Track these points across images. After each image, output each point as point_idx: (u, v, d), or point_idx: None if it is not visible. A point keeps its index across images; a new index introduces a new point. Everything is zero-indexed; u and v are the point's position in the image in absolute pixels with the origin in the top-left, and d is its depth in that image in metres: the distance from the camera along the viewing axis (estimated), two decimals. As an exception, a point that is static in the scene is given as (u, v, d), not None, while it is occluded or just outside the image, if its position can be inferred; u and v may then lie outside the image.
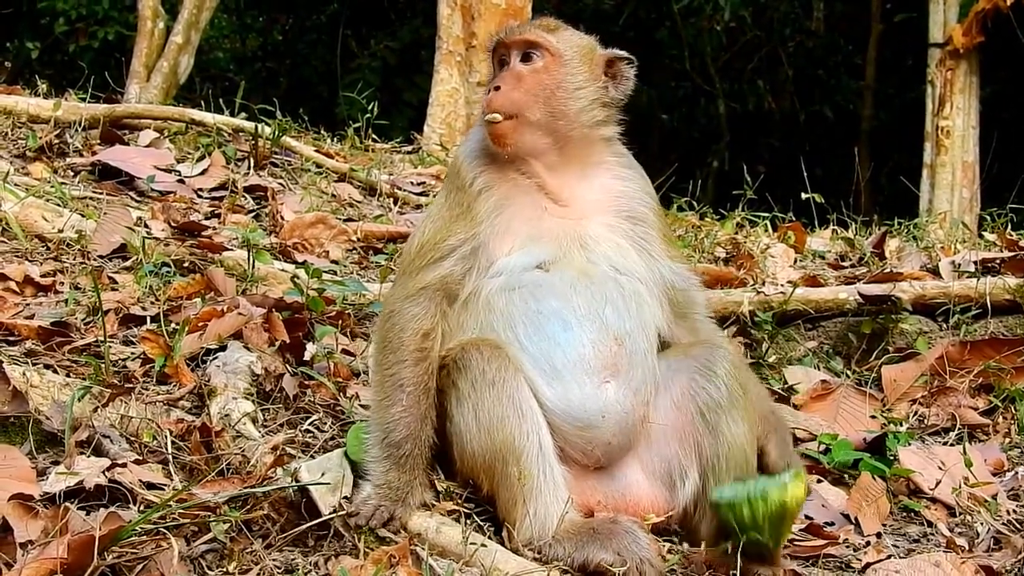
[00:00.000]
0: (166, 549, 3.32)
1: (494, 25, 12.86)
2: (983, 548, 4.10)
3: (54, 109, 8.10)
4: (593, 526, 3.68)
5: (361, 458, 3.79)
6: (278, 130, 8.57)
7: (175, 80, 16.19)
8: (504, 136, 3.94)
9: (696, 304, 4.24)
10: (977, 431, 5.15)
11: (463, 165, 4.04)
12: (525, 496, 3.66)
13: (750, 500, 3.66)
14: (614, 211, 4.08)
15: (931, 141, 16.59)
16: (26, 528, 3.33)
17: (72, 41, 21.06)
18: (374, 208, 7.92)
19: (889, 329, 5.82)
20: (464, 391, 3.73)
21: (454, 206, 3.97)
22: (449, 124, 12.77)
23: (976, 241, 7.73)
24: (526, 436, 3.67)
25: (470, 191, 3.96)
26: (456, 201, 3.98)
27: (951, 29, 16.48)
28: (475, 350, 3.74)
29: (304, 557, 3.51)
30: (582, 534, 3.64)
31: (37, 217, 6.03)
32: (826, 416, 5.09)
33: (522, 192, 3.99)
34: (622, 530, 3.62)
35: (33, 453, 3.84)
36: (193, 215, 6.81)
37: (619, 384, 3.86)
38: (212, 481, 3.71)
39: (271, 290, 5.51)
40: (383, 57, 22.25)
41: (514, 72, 4.00)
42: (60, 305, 5.08)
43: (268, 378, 4.48)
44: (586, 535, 3.63)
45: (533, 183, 4.01)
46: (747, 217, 8.30)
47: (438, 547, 3.55)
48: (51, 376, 4.21)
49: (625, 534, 3.61)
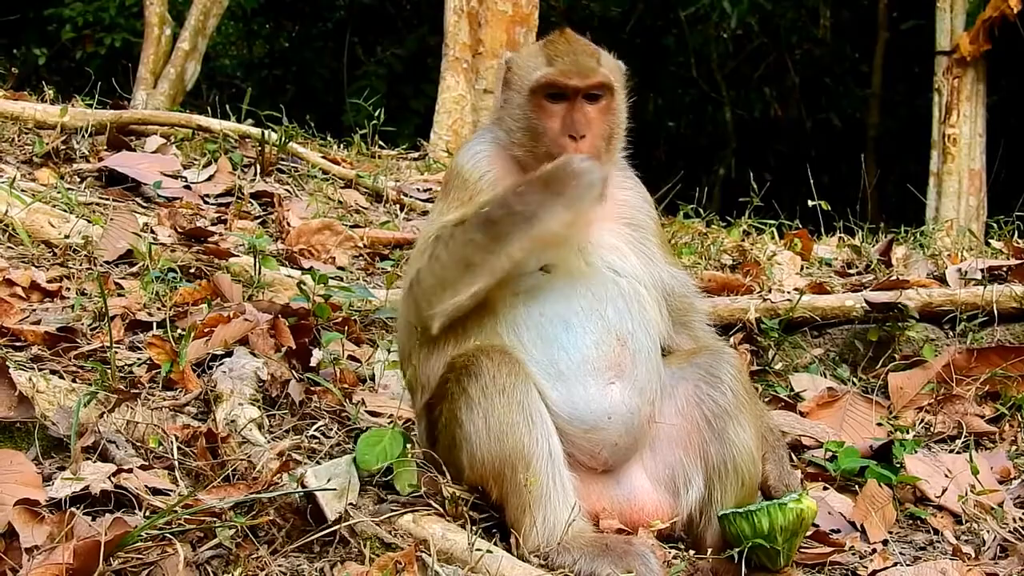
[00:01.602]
0: (172, 555, 3.32)
1: (500, 32, 12.90)
2: (989, 556, 4.10)
3: (61, 115, 8.12)
4: (607, 542, 3.66)
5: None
6: (284, 136, 8.58)
7: (182, 86, 16.21)
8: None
9: (696, 311, 4.25)
10: (984, 439, 5.15)
11: (466, 167, 4.03)
12: (533, 503, 3.66)
13: (768, 510, 3.68)
14: (615, 217, 4.09)
15: (938, 149, 16.57)
16: (32, 533, 3.33)
17: (79, 48, 21.10)
18: (380, 214, 7.93)
19: (896, 337, 5.82)
20: (475, 397, 3.71)
21: (455, 204, 3.96)
22: (455, 131, 12.78)
23: (983, 249, 7.71)
24: (536, 443, 3.67)
25: (473, 187, 3.96)
26: (459, 200, 3.97)
27: (958, 37, 16.46)
28: (485, 356, 3.73)
29: (310, 563, 3.51)
30: (594, 547, 3.63)
31: (44, 223, 6.04)
32: (832, 423, 5.09)
33: None
34: (635, 552, 3.61)
35: (39, 458, 3.84)
36: (199, 221, 6.82)
37: (624, 384, 3.86)
38: (218, 487, 3.71)
39: (277, 296, 5.52)
40: (389, 64, 22.29)
41: (586, 116, 3.92)
42: (66, 311, 5.09)
43: (274, 384, 4.48)
44: (598, 549, 3.62)
45: None
46: (754, 224, 8.30)
47: (444, 553, 3.54)
48: (57, 381, 4.21)
49: (638, 556, 3.59)
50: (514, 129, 3.98)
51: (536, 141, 3.92)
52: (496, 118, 4.12)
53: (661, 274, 4.10)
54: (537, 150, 3.90)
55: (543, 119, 3.92)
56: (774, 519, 3.68)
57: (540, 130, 3.91)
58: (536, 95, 3.93)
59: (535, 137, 3.92)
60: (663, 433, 3.98)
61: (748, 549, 3.71)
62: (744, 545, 3.69)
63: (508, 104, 4.03)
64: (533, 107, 3.94)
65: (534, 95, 3.94)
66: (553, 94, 3.93)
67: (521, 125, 3.96)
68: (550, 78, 3.92)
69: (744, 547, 3.68)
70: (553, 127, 3.90)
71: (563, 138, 3.87)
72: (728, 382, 3.95)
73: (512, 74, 4.04)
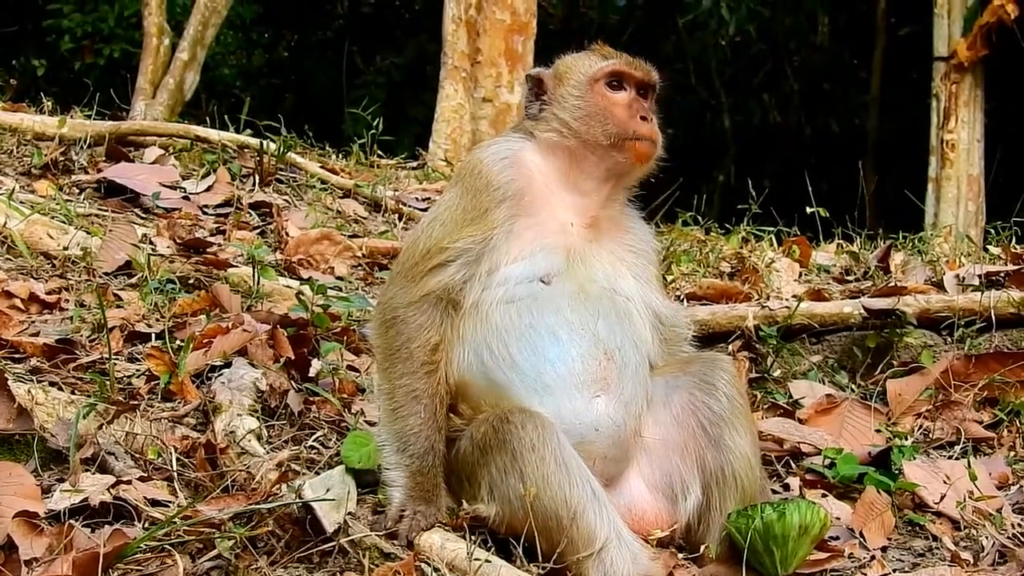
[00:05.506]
0: (171, 566, 3.33)
1: (499, 40, 12.93)
2: (988, 562, 4.10)
3: (59, 126, 8.12)
4: None
5: (377, 466, 3.84)
6: (283, 146, 8.58)
7: (181, 97, 16.22)
8: (652, 156, 4.15)
9: (685, 342, 4.31)
10: (982, 445, 5.14)
11: (490, 169, 4.02)
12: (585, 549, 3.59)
13: (784, 511, 3.69)
14: (618, 240, 4.17)
15: (936, 155, 16.58)
16: (31, 545, 3.34)
17: (78, 58, 21.13)
18: (379, 224, 7.93)
19: (894, 343, 5.81)
20: (505, 464, 3.67)
21: (469, 209, 3.95)
22: (454, 140, 12.80)
23: (981, 254, 7.72)
24: (576, 487, 3.61)
25: (493, 194, 3.95)
26: (473, 204, 3.96)
27: (955, 43, 16.48)
28: (507, 423, 3.69)
29: (309, 574, 3.51)
30: None
31: (42, 234, 6.04)
32: (831, 430, 5.09)
33: (552, 205, 4.03)
34: None
35: (38, 470, 3.85)
36: (198, 232, 6.83)
37: (609, 398, 3.88)
38: (217, 498, 3.71)
39: (276, 306, 5.51)
40: (388, 73, 22.33)
41: (646, 106, 4.16)
42: (65, 322, 5.09)
43: (273, 394, 4.48)
44: None
45: (567, 199, 4.08)
46: (752, 231, 8.30)
47: (443, 562, 3.55)
48: (56, 393, 4.21)
49: None
50: (570, 120, 4.11)
51: (606, 123, 4.07)
52: (532, 122, 4.20)
53: (654, 301, 4.17)
54: (607, 130, 4.06)
55: (609, 105, 4.11)
56: (789, 518, 3.70)
57: (607, 114, 4.08)
58: (598, 83, 4.13)
59: (604, 120, 4.08)
60: (660, 441, 3.99)
61: (750, 554, 3.72)
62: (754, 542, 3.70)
63: (560, 101, 4.16)
64: (597, 95, 4.13)
65: (596, 83, 4.13)
66: (613, 84, 4.14)
67: (583, 113, 4.11)
68: (616, 67, 4.15)
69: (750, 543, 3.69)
70: (620, 111, 4.09)
71: (634, 119, 4.08)
72: (723, 389, 3.98)
73: (563, 74, 4.21)
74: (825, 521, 3.81)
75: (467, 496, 3.79)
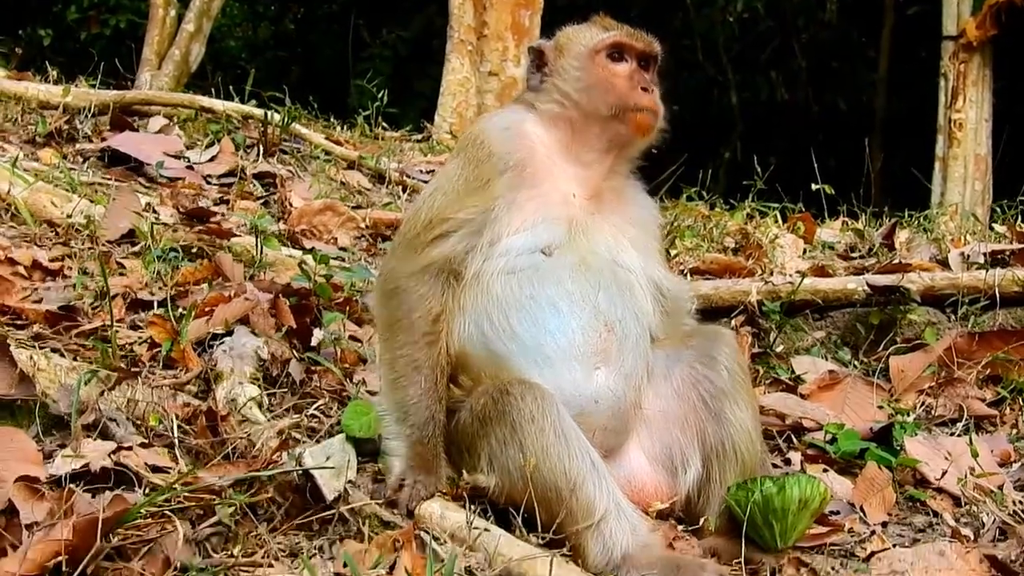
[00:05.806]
0: (171, 532, 3.33)
1: (506, 14, 12.87)
2: (988, 538, 4.10)
3: (64, 95, 8.12)
4: (679, 563, 3.57)
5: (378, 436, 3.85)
6: (288, 117, 8.57)
7: (186, 68, 16.18)
8: (653, 128, 4.12)
9: (687, 315, 4.31)
10: (984, 422, 5.14)
11: (493, 139, 4.03)
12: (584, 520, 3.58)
13: (784, 485, 3.69)
14: (622, 212, 4.16)
15: (943, 134, 16.51)
16: (32, 510, 3.33)
17: (84, 28, 21.10)
18: (383, 196, 7.93)
19: (897, 320, 5.81)
20: (505, 435, 3.65)
21: (471, 180, 3.95)
22: (460, 113, 12.75)
23: (986, 233, 7.70)
24: (575, 458, 3.60)
25: (495, 165, 3.95)
26: (474, 175, 3.96)
27: (965, 22, 16.39)
28: (507, 395, 3.68)
29: (309, 541, 3.52)
30: (665, 565, 3.55)
31: (46, 202, 6.03)
32: (833, 406, 5.09)
33: (554, 177, 4.03)
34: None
35: (40, 436, 3.84)
36: (202, 201, 6.82)
37: (610, 370, 3.88)
38: (217, 465, 3.72)
39: (279, 276, 5.51)
40: (394, 46, 22.25)
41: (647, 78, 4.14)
42: (68, 290, 5.08)
43: (274, 363, 4.48)
44: (668, 568, 3.54)
45: (570, 171, 4.07)
46: (757, 208, 8.29)
47: (442, 531, 3.55)
48: (58, 360, 4.21)
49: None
50: (572, 92, 4.12)
51: (607, 94, 4.07)
52: (534, 94, 4.21)
53: (656, 274, 4.17)
54: (608, 101, 4.05)
55: (609, 76, 4.10)
56: (789, 492, 3.70)
57: (608, 85, 4.08)
58: (599, 54, 4.13)
59: (605, 91, 4.08)
60: (660, 414, 3.99)
61: (750, 527, 3.72)
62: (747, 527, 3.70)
63: (561, 73, 4.16)
64: (598, 66, 4.12)
65: (597, 54, 4.13)
66: (614, 55, 4.13)
67: (584, 85, 4.12)
68: (617, 39, 4.15)
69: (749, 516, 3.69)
70: (621, 82, 4.08)
71: (635, 90, 4.07)
72: (724, 362, 3.97)
73: (564, 46, 4.21)
74: (825, 495, 3.80)
75: (467, 467, 3.78)
